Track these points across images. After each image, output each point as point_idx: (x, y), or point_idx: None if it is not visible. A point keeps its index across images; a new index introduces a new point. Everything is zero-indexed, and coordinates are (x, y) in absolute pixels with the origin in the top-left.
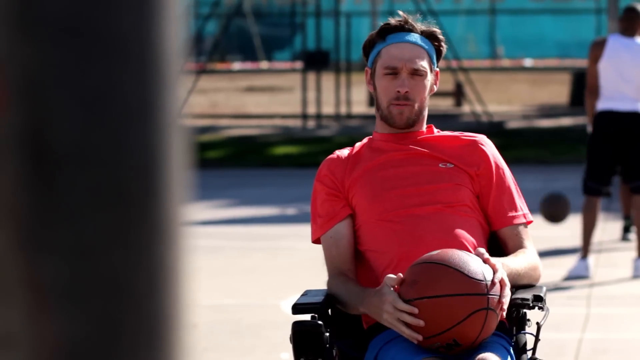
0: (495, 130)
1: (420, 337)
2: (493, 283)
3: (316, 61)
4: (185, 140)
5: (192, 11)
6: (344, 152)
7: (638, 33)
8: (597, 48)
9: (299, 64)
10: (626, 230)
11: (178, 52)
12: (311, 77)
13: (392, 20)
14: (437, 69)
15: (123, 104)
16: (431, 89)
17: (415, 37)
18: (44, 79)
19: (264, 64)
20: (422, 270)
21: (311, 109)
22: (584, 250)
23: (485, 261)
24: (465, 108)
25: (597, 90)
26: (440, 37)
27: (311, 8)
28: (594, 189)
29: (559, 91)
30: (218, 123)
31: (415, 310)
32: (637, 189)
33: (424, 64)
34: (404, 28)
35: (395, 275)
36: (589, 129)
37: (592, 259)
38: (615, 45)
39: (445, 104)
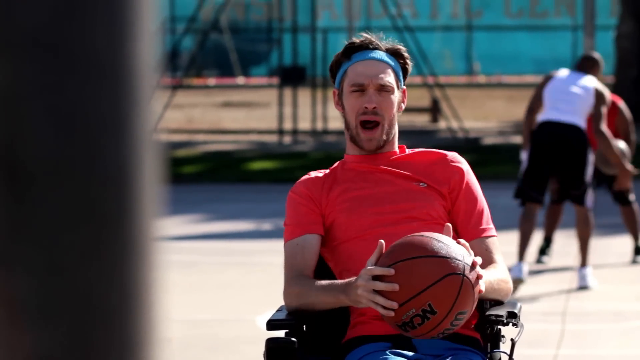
0: (472, 146)
1: (395, 305)
2: (472, 264)
3: (293, 77)
4: (158, 155)
5: (168, 26)
6: (319, 173)
7: (590, 73)
8: (547, 78)
9: (275, 80)
10: (542, 252)
11: (152, 67)
12: (288, 92)
13: (357, 40)
14: (404, 87)
15: (96, 120)
16: (399, 106)
17: (380, 54)
18: (17, 94)
19: (241, 80)
20: (399, 242)
21: (287, 125)
22: (521, 255)
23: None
24: (442, 124)
25: (537, 110)
26: (405, 54)
27: (288, 24)
28: (532, 197)
29: None
30: (194, 138)
31: (391, 272)
32: (578, 199)
33: (391, 79)
34: (369, 46)
35: (377, 252)
36: (523, 156)
37: (526, 264)
38: (564, 74)
39: (422, 120)
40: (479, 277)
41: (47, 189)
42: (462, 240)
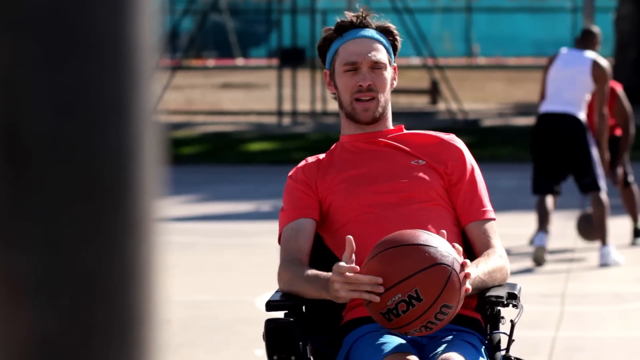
0: (471, 128)
1: (381, 288)
2: (462, 265)
3: (292, 58)
4: (158, 136)
5: (168, 7)
6: (315, 158)
7: (589, 48)
8: (550, 60)
9: (274, 61)
10: (637, 234)
11: (152, 48)
12: (287, 74)
13: (346, 18)
14: (395, 64)
15: (97, 100)
16: (391, 83)
17: (371, 32)
18: (18, 72)
19: (240, 61)
20: (391, 235)
21: (287, 106)
22: (540, 226)
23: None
24: (441, 106)
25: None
26: (395, 31)
27: (287, 5)
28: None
29: (534, 89)
30: (193, 119)
31: (356, 268)
32: (591, 186)
33: (383, 56)
34: (359, 24)
35: (348, 248)
36: None
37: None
38: (565, 55)
39: (421, 102)
40: (466, 275)
41: (48, 168)
42: (456, 245)
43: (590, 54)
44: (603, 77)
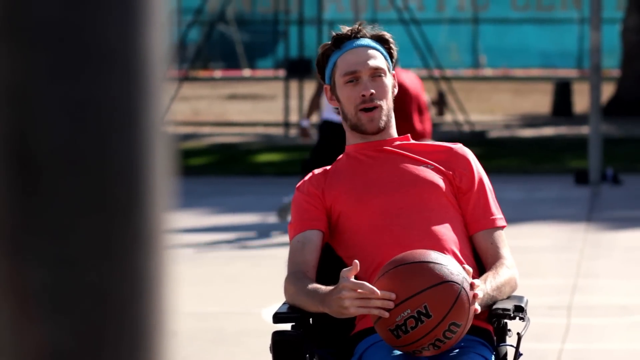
0: (477, 139)
1: (391, 304)
2: (470, 285)
3: (299, 69)
4: (169, 147)
5: (175, 18)
6: (323, 169)
7: None
8: None
9: (281, 72)
10: None
11: (162, 59)
12: (293, 85)
13: (342, 31)
14: (394, 72)
15: (107, 111)
16: (392, 90)
17: (367, 41)
18: (29, 86)
19: (247, 72)
20: (401, 254)
21: (293, 117)
22: None
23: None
24: (447, 117)
25: None
26: (390, 39)
27: (294, 16)
28: None
29: (541, 101)
30: (200, 131)
31: (377, 293)
32: None
33: (381, 63)
34: (355, 36)
35: (353, 270)
36: None
37: None
38: None
39: None
40: (475, 296)
41: (59, 180)
42: (466, 267)
43: None
44: None
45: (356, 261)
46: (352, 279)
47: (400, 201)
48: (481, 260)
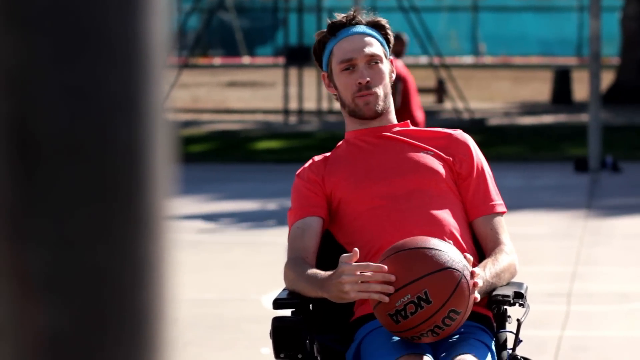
0: (477, 127)
1: (391, 289)
2: (471, 273)
3: (298, 56)
4: (169, 134)
5: (175, 5)
6: (322, 156)
7: None
8: None
9: (281, 59)
10: None
11: (162, 46)
12: (293, 72)
13: (337, 19)
14: (391, 57)
15: (108, 97)
16: (390, 76)
17: (363, 28)
18: (29, 71)
19: (246, 59)
20: (402, 240)
21: (293, 105)
22: None
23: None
24: (447, 105)
25: None
26: (386, 25)
27: (293, 3)
28: None
29: (540, 89)
30: (200, 118)
31: (385, 268)
32: None
33: (378, 50)
34: (350, 23)
35: (353, 257)
36: None
37: None
38: None
39: (427, 101)
40: (475, 284)
41: (59, 165)
42: (467, 255)
43: None
44: None
45: (356, 249)
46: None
47: (400, 187)
48: (481, 246)
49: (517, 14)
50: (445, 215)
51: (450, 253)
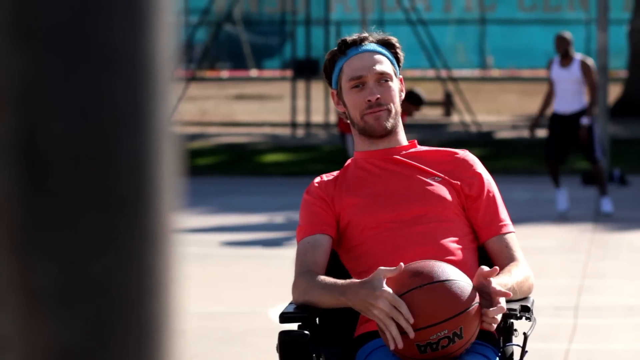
0: (484, 140)
1: (412, 334)
2: (493, 298)
3: (306, 69)
4: (176, 147)
5: (182, 19)
6: (331, 175)
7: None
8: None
9: (288, 72)
10: None
11: (169, 59)
12: (300, 85)
13: (348, 37)
14: (401, 76)
15: (115, 111)
16: (399, 94)
17: (373, 46)
18: (37, 86)
19: (254, 72)
20: (425, 264)
21: (300, 117)
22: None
23: (487, 283)
24: (454, 118)
25: None
26: (397, 44)
27: (301, 16)
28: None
29: None
30: (207, 131)
31: (411, 319)
32: None
33: (387, 68)
34: (360, 41)
35: (396, 272)
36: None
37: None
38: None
39: (434, 114)
40: (500, 309)
41: (66, 179)
42: (484, 267)
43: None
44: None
45: (402, 264)
46: (384, 283)
47: (406, 213)
48: (495, 264)
49: (524, 27)
50: (450, 241)
51: (469, 284)
